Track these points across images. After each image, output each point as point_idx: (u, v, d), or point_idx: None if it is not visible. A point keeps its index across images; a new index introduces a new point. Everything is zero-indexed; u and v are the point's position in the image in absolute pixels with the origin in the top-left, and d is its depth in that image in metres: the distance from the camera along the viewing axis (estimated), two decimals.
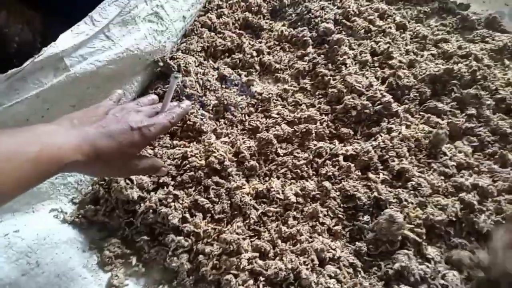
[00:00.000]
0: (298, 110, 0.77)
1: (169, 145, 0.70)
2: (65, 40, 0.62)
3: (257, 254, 0.59)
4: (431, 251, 0.60)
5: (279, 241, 0.61)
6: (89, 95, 0.67)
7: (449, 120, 0.73)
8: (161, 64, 0.77)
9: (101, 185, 0.65)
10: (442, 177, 0.67)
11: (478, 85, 0.78)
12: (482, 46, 0.89)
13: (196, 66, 0.81)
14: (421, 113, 0.76)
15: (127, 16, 0.69)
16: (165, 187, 0.65)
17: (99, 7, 0.66)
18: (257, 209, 0.64)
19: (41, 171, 0.40)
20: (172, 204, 0.62)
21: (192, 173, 0.66)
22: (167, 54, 0.79)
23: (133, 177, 0.64)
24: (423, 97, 0.78)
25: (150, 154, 0.68)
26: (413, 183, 0.66)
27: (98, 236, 0.64)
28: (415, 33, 0.90)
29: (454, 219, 0.62)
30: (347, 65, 0.81)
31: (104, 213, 0.64)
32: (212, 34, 0.87)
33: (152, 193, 0.64)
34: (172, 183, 0.66)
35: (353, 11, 0.90)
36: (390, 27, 0.88)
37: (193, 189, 0.65)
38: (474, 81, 0.79)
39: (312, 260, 0.58)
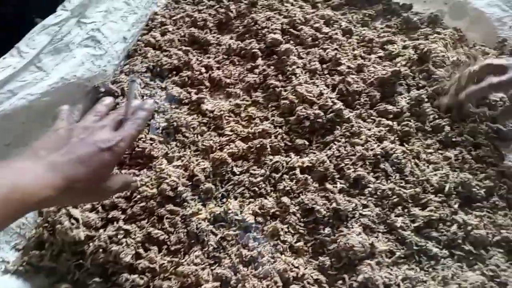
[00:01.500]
0: (252, 125, 0.76)
1: None
2: None
3: (218, 284, 0.56)
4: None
5: (240, 266, 0.58)
6: (25, 130, 0.63)
7: (400, 122, 0.73)
8: (102, 89, 0.73)
9: (45, 227, 0.60)
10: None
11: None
12: None
13: (142, 88, 0.78)
14: (372, 117, 0.76)
15: (60, 43, 0.66)
16: (115, 222, 0.61)
17: (27, 37, 0.62)
18: (215, 234, 0.62)
19: (10, 212, 0.38)
20: (124, 240, 0.59)
21: (143, 203, 0.63)
22: (109, 78, 0.76)
23: (78, 216, 0.59)
24: (373, 101, 0.78)
25: None
26: (370, 189, 0.66)
27: (47, 283, 0.59)
28: (362, 37, 0.90)
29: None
30: (297, 75, 0.80)
31: (51, 257, 0.59)
32: (157, 52, 0.84)
33: (101, 231, 0.60)
34: (123, 216, 0.62)
35: (299, 19, 0.90)
36: (336, 33, 0.88)
37: (146, 221, 0.62)
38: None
39: (276, 282, 0.56)
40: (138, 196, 0.63)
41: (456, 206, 0.64)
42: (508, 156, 0.71)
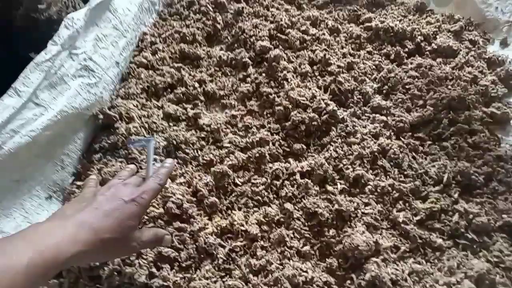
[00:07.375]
0: (249, 134, 0.77)
1: None
2: None
3: None
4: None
5: (250, 276, 0.60)
6: (32, 165, 0.65)
7: (394, 118, 0.74)
8: (101, 116, 0.75)
9: None
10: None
11: None
12: None
13: (139, 110, 0.80)
14: (366, 114, 0.77)
15: (54, 77, 0.67)
16: None
17: (22, 76, 0.63)
18: (224, 247, 0.64)
19: (38, 276, 0.39)
20: (136, 261, 0.61)
21: (151, 224, 0.65)
22: (106, 104, 0.78)
23: None
24: (366, 98, 0.79)
25: None
26: (370, 187, 0.67)
27: None
28: (349, 34, 0.91)
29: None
30: (289, 80, 0.82)
31: (69, 284, 0.61)
32: (151, 72, 0.86)
33: None
34: None
35: (285, 23, 0.91)
36: (323, 33, 0.89)
37: None
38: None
39: None
40: (146, 217, 0.65)
41: (456, 195, 0.65)
42: (504, 139, 0.72)
